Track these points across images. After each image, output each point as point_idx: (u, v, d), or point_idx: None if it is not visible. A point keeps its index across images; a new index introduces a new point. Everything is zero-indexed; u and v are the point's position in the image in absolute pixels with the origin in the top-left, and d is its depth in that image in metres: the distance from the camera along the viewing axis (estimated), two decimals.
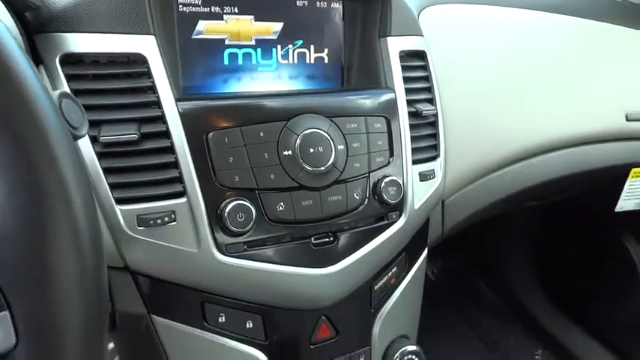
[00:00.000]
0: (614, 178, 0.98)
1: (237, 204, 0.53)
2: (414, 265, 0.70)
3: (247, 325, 0.58)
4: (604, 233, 1.31)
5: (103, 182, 0.50)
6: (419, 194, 0.66)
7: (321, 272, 0.59)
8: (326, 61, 0.67)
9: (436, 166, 0.69)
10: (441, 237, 0.75)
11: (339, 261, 0.60)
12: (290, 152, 0.56)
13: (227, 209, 0.52)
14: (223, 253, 0.54)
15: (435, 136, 0.70)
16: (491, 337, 1.52)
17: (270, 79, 0.64)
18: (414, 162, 0.66)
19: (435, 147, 0.70)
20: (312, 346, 0.62)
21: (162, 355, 0.57)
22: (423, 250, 0.72)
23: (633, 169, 0.97)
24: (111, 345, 1.34)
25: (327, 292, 0.60)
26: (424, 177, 0.67)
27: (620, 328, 1.32)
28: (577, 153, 0.89)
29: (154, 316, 0.56)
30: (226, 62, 0.61)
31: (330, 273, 0.59)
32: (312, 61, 0.66)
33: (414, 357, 0.68)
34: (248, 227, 0.53)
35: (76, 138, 0.37)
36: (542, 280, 1.53)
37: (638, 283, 1.25)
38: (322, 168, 0.57)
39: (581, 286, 1.41)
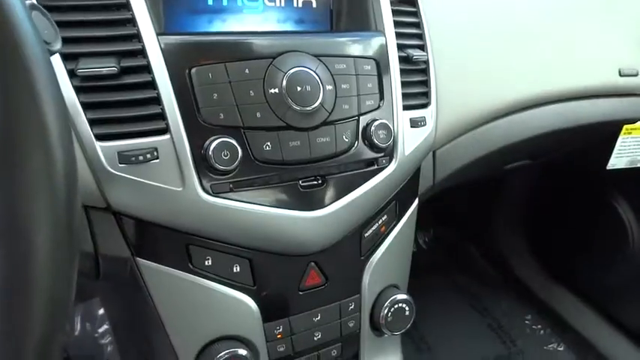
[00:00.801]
0: (606, 134, 0.97)
1: (222, 141, 0.51)
2: (404, 214, 0.69)
3: (234, 269, 0.57)
4: (595, 195, 1.31)
5: (81, 117, 0.48)
6: (410, 141, 0.65)
7: (309, 215, 0.57)
8: (314, 5, 0.65)
9: (427, 113, 0.68)
10: (431, 188, 0.74)
11: (328, 205, 0.59)
12: (277, 90, 0.54)
13: (212, 147, 0.51)
14: (208, 193, 0.52)
15: (425, 83, 0.68)
16: (482, 303, 1.53)
17: (257, 21, 0.62)
18: (405, 107, 0.65)
19: (426, 94, 0.68)
20: (300, 293, 0.62)
21: (147, 300, 0.56)
22: (414, 200, 0.71)
23: (625, 126, 0.96)
24: (100, 311, 1.33)
25: (315, 236, 0.59)
26: (415, 123, 0.66)
27: (610, 291, 1.33)
28: (569, 107, 0.88)
29: (138, 258, 0.54)
30: (210, 2, 0.59)
31: (318, 217, 0.58)
32: (300, 5, 0.64)
33: (404, 305, 0.68)
34: (233, 166, 0.52)
35: (51, 54, 0.35)
36: (532, 245, 1.54)
37: (629, 244, 1.26)
38: (310, 108, 0.56)
39: (571, 249, 1.42)
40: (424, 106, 0.68)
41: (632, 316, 1.28)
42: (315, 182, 0.58)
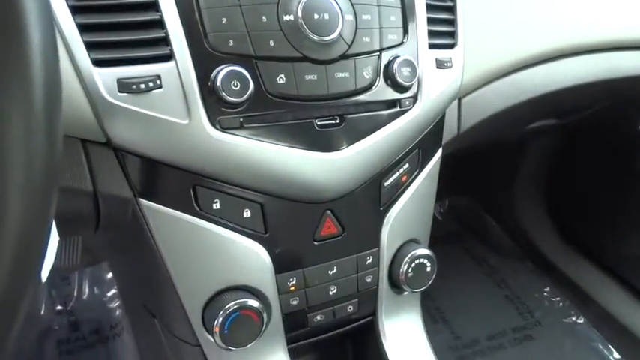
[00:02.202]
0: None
1: (232, 70, 0.47)
2: (427, 164, 0.64)
3: (245, 215, 0.53)
4: (622, 161, 1.24)
5: (78, 41, 0.44)
6: (435, 83, 0.60)
7: (326, 157, 0.53)
8: None
9: (454, 55, 0.62)
10: (456, 138, 0.69)
11: (346, 147, 0.54)
12: (292, 17, 0.49)
13: (220, 76, 0.46)
14: (217, 128, 0.48)
15: (452, 22, 0.63)
16: (499, 274, 1.48)
17: None
18: (431, 46, 0.59)
19: (453, 35, 0.63)
20: (315, 243, 0.57)
21: (152, 246, 0.52)
22: (438, 150, 0.66)
23: None
24: (109, 275, 1.31)
25: (331, 181, 0.54)
26: (441, 64, 0.60)
27: (635, 262, 1.27)
28: (606, 59, 0.82)
29: (141, 200, 0.50)
30: None
31: (335, 159, 0.53)
32: None
33: (425, 261, 0.63)
34: (244, 98, 0.47)
35: None
36: (552, 215, 1.48)
37: None
38: (327, 38, 0.51)
39: (595, 219, 1.36)
40: (451, 46, 0.63)
41: None
42: (333, 122, 0.54)
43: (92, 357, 1.15)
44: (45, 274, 0.40)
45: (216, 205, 0.52)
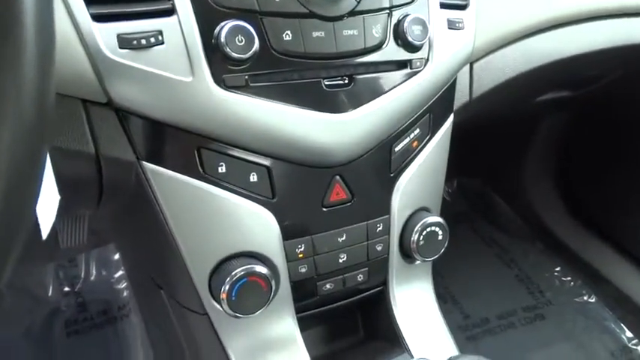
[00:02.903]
0: None
1: (237, 25, 0.45)
2: (438, 129, 0.62)
3: (251, 179, 0.51)
4: (635, 137, 1.21)
5: None
6: (447, 44, 0.58)
7: (334, 119, 0.51)
8: None
9: (465, 16, 0.60)
10: (467, 105, 0.67)
11: (355, 109, 0.52)
12: None
13: (224, 31, 0.44)
14: (221, 86, 0.46)
15: None
16: (509, 254, 1.46)
17: None
18: (442, 6, 0.57)
19: None
20: (324, 209, 0.56)
21: (157, 213, 0.51)
22: (449, 115, 0.64)
23: None
24: (116, 256, 1.30)
25: (340, 144, 0.53)
26: (453, 25, 0.58)
27: None
28: (621, 25, 0.79)
29: (144, 163, 0.49)
30: None
31: (343, 121, 0.52)
32: None
33: (437, 229, 0.62)
34: (249, 54, 0.45)
35: None
36: (563, 193, 1.45)
37: None
38: None
39: (606, 197, 1.33)
40: (462, 7, 0.60)
41: None
42: (341, 82, 0.52)
43: (100, 338, 1.15)
44: (45, 231, 0.38)
45: (222, 169, 0.50)
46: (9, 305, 1.16)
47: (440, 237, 0.62)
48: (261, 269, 0.52)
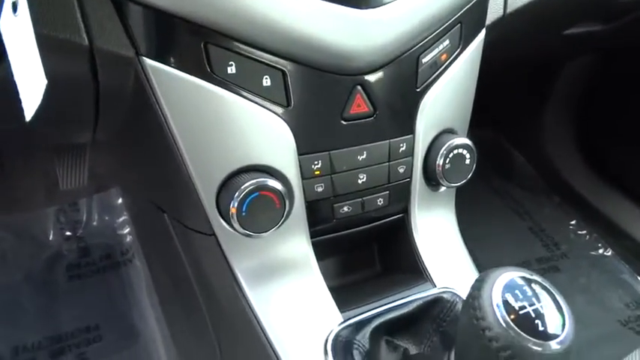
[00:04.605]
0: None
1: None
2: (469, 44, 0.57)
3: (264, 82, 0.46)
4: None
5: None
6: None
7: (356, 14, 0.45)
8: None
9: None
10: (500, 20, 0.61)
11: (380, 5, 0.46)
12: None
13: None
14: None
15: None
16: (524, 207, 1.42)
17: None
18: None
19: None
20: (344, 122, 0.50)
21: (159, 119, 0.46)
22: (481, 30, 0.58)
23: None
24: (119, 201, 1.27)
25: (362, 45, 0.47)
26: None
27: None
28: None
29: (144, 59, 0.43)
30: None
31: (368, 19, 0.46)
32: None
33: (464, 152, 0.56)
34: None
35: None
36: (581, 145, 1.39)
37: None
38: None
39: (627, 149, 1.27)
40: None
41: None
42: None
43: (103, 282, 1.12)
44: (29, 113, 0.33)
45: (232, 69, 0.45)
46: (9, 249, 1.13)
47: (467, 161, 0.57)
48: (274, 184, 0.47)
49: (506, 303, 0.34)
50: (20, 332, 1.01)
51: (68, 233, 1.19)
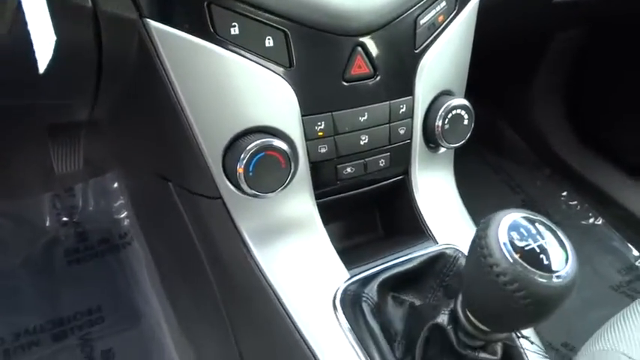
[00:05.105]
0: None
1: None
2: (465, 6, 0.58)
3: (267, 43, 0.47)
4: None
5: None
6: None
7: None
8: None
9: None
10: None
11: None
12: None
13: None
14: None
15: None
16: (515, 180, 1.44)
17: None
18: None
19: None
20: (345, 84, 0.51)
21: (163, 82, 0.46)
22: None
23: None
24: (115, 185, 1.26)
25: (361, 5, 0.48)
26: None
27: None
28: None
29: (148, 20, 0.44)
30: None
31: None
32: None
33: (462, 112, 0.58)
34: None
35: None
36: (572, 118, 1.42)
37: None
38: None
39: (618, 120, 1.30)
40: None
41: None
42: None
43: (102, 265, 1.12)
44: (42, 65, 0.34)
45: (235, 30, 0.45)
46: (7, 235, 1.13)
47: (465, 121, 0.58)
48: (280, 144, 0.48)
49: (511, 241, 0.35)
50: (21, 317, 1.01)
51: (65, 219, 1.19)
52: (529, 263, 0.34)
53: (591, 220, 1.34)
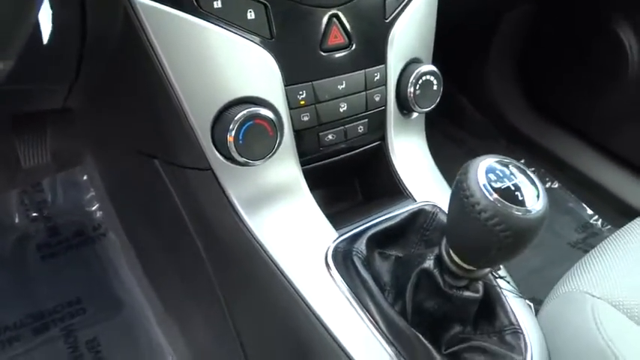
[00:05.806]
0: None
1: None
2: None
3: (249, 16, 0.49)
4: (594, 23, 1.25)
5: None
6: None
7: None
8: None
9: None
10: None
11: None
12: None
13: None
14: None
15: None
16: (475, 152, 1.50)
17: None
18: None
19: None
20: (323, 53, 0.54)
21: (150, 57, 0.48)
22: None
23: None
24: (84, 177, 1.24)
25: None
26: None
27: (608, 124, 1.31)
28: None
29: None
30: None
31: None
32: None
33: (431, 78, 0.62)
34: None
35: None
36: (526, 89, 1.50)
37: (627, 70, 1.22)
38: None
39: (567, 87, 1.38)
40: None
41: (631, 146, 1.27)
42: None
43: (78, 258, 1.11)
44: (45, 36, 0.35)
45: (217, 3, 0.47)
46: None
47: (435, 86, 0.62)
48: (266, 112, 0.50)
49: (489, 182, 0.39)
50: None
51: (34, 214, 1.17)
52: (506, 200, 0.38)
53: (548, 184, 1.42)
